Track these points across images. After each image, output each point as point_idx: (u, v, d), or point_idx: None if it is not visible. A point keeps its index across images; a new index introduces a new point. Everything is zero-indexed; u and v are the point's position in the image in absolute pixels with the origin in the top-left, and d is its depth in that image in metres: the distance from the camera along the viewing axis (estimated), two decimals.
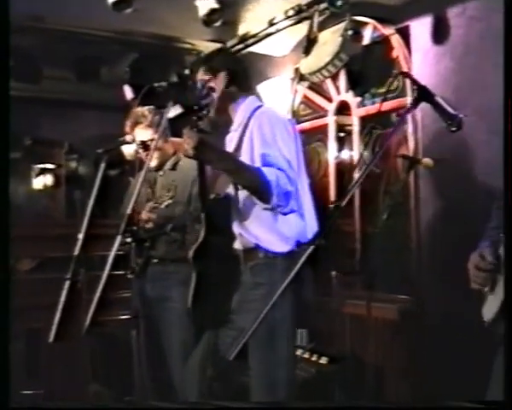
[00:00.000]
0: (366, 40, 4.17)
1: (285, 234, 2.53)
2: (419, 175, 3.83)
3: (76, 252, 3.19)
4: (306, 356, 3.81)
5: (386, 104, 4.01)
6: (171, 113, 2.76)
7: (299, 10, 4.11)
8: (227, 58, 3.05)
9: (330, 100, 4.66)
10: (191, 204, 3.31)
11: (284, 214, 2.48)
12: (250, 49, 4.65)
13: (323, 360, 3.74)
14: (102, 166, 3.26)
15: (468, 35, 3.59)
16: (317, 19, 4.12)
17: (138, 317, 2.71)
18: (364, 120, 4.33)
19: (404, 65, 3.93)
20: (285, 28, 4.34)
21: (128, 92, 3.91)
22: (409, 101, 3.79)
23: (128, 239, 2.63)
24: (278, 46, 4.71)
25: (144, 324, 3.10)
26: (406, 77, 3.43)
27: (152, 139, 3.33)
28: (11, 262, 3.22)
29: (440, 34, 3.73)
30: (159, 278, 3.37)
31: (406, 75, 3.37)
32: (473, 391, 2.23)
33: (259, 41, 4.53)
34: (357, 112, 4.40)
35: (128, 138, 3.36)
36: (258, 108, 2.68)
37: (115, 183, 3.59)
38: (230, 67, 2.75)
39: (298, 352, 3.80)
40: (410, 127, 3.90)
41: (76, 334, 2.98)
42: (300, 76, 4.52)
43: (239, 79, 2.75)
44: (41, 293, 3.77)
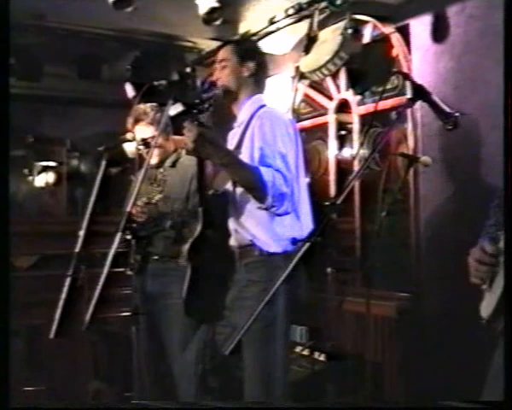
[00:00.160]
0: (366, 39, 4.18)
1: (280, 234, 2.53)
2: (419, 173, 3.83)
3: (77, 249, 3.21)
4: (306, 353, 3.82)
5: (386, 102, 4.03)
6: (172, 111, 2.78)
7: (299, 9, 4.11)
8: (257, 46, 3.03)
9: (331, 98, 4.66)
10: (189, 201, 3.32)
11: (278, 215, 2.49)
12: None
13: (323, 358, 3.75)
14: (103, 163, 3.28)
15: (468, 33, 3.59)
16: (318, 17, 4.13)
17: (138, 313, 2.73)
18: (364, 119, 4.34)
19: (404, 63, 3.92)
20: (285, 27, 4.35)
21: (129, 90, 3.90)
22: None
23: (128, 236, 2.65)
24: (279, 44, 4.71)
25: (145, 320, 3.13)
26: (402, 75, 3.44)
27: (153, 137, 3.31)
28: (11, 259, 3.23)
29: (440, 33, 3.73)
30: (159, 275, 3.37)
31: (402, 74, 3.37)
32: (471, 389, 2.22)
33: (260, 39, 4.53)
34: (357, 110, 4.40)
35: (129, 136, 3.37)
36: (261, 107, 2.69)
37: (116, 180, 3.60)
38: (258, 54, 2.81)
39: (297, 349, 3.83)
40: (410, 125, 3.90)
41: (77, 331, 3.00)
42: (301, 74, 4.51)
43: (262, 71, 2.79)
44: (42, 290, 3.79)
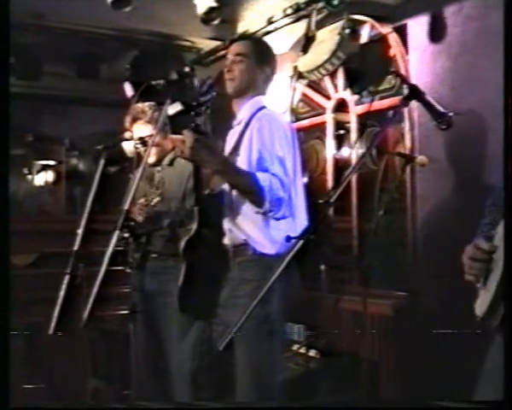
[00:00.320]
0: (364, 39, 4.19)
1: (274, 236, 2.54)
2: (416, 172, 3.84)
3: (75, 247, 3.23)
4: (303, 351, 3.84)
5: (383, 102, 4.06)
6: (171, 110, 2.80)
7: (297, 9, 4.12)
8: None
9: (328, 98, 4.66)
10: (186, 199, 3.34)
11: (275, 219, 2.50)
12: None
13: (319, 355, 3.77)
14: (102, 162, 3.29)
15: (465, 33, 3.60)
16: (315, 17, 4.15)
17: (136, 312, 2.74)
18: (362, 118, 4.34)
19: (401, 63, 3.94)
20: (283, 26, 4.36)
21: (128, 89, 3.91)
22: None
23: (126, 234, 2.67)
24: (277, 44, 4.70)
25: (143, 318, 3.14)
26: (397, 76, 3.45)
27: (151, 135, 3.32)
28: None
29: (437, 33, 3.74)
30: (157, 273, 3.37)
31: (397, 74, 3.39)
32: (468, 386, 2.23)
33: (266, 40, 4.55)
34: (354, 110, 4.41)
35: (127, 135, 3.39)
36: (260, 109, 2.70)
37: (115, 179, 3.61)
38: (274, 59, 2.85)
39: (294, 347, 3.85)
40: (407, 125, 3.91)
41: (75, 329, 3.02)
42: (299, 74, 4.54)
43: (271, 76, 2.81)
44: (40, 288, 3.80)
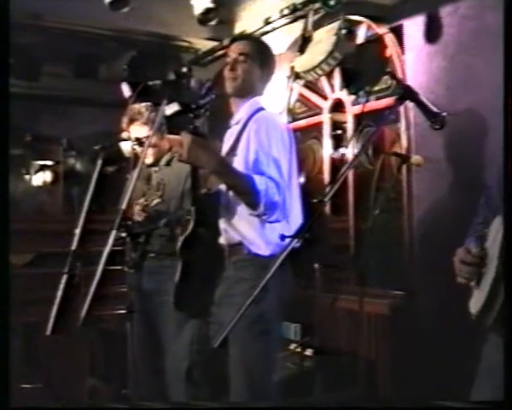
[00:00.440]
0: (360, 39, 4.20)
1: (270, 238, 2.55)
2: (412, 172, 3.86)
3: (73, 247, 3.24)
4: (300, 350, 3.85)
5: (379, 102, 4.08)
6: (168, 110, 2.81)
7: (294, 9, 4.13)
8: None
9: (325, 98, 4.68)
10: (184, 199, 3.34)
11: (269, 223, 2.51)
12: None
13: (316, 355, 3.78)
14: (99, 162, 3.31)
15: (461, 34, 3.62)
16: (312, 18, 4.16)
17: (133, 311, 2.75)
18: (359, 118, 4.34)
19: (398, 63, 3.96)
20: (280, 27, 4.37)
21: (126, 90, 3.93)
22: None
23: (123, 234, 2.68)
24: (274, 44, 4.71)
25: (141, 317, 3.16)
26: (391, 76, 3.47)
27: (148, 136, 3.31)
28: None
29: (433, 33, 3.76)
30: (155, 272, 3.38)
31: (390, 74, 3.40)
32: (464, 385, 2.24)
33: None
34: (351, 110, 4.42)
35: (124, 135, 3.40)
36: (258, 110, 2.69)
37: (112, 179, 3.62)
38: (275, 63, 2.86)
39: (291, 346, 3.87)
40: (403, 125, 3.93)
41: (73, 328, 3.03)
42: (296, 74, 4.55)
43: (271, 79, 2.82)
44: (38, 287, 3.81)
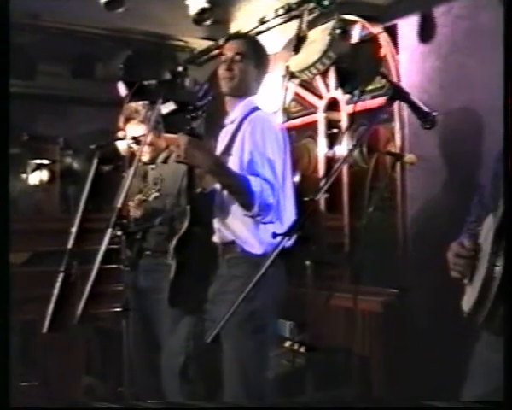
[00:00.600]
0: (355, 39, 4.22)
1: (263, 237, 2.56)
2: (406, 171, 3.87)
3: (69, 245, 3.26)
4: (294, 348, 3.87)
5: (373, 101, 4.10)
6: (164, 109, 2.83)
7: (288, 9, 4.15)
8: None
9: (320, 97, 4.69)
10: (181, 197, 3.35)
11: (263, 224, 2.53)
12: None
13: (311, 352, 3.79)
14: (95, 161, 3.33)
15: (454, 34, 3.64)
16: (307, 17, 4.18)
17: (129, 309, 2.77)
18: (353, 117, 4.34)
19: (392, 63, 3.98)
20: (275, 26, 4.39)
21: (122, 89, 3.95)
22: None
23: (118, 233, 2.70)
24: (269, 44, 4.73)
25: (137, 315, 3.17)
26: (382, 76, 3.49)
27: (144, 135, 3.33)
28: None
29: (427, 33, 3.78)
30: (151, 270, 3.39)
31: (382, 75, 3.42)
32: (459, 383, 2.26)
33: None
34: (346, 109, 4.44)
35: (120, 134, 3.41)
36: (254, 110, 2.70)
37: (108, 178, 3.64)
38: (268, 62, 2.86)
39: (286, 344, 3.88)
40: (397, 124, 3.95)
41: (70, 326, 3.04)
42: (291, 73, 4.57)
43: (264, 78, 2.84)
44: (35, 286, 3.82)
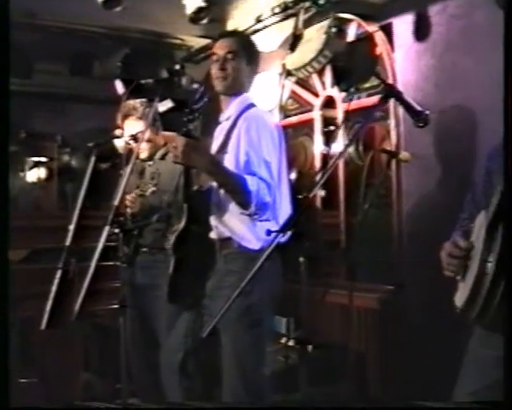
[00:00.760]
0: (350, 37, 4.24)
1: (260, 234, 2.57)
2: (401, 168, 3.90)
3: (67, 243, 3.28)
4: (290, 344, 3.89)
5: (370, 99, 4.13)
6: (161, 107, 2.85)
7: (285, 8, 4.17)
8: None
9: (317, 95, 4.72)
10: (178, 193, 3.36)
11: (259, 221, 2.55)
12: None
13: (306, 348, 3.81)
14: (93, 159, 3.35)
15: (449, 32, 3.65)
16: (303, 16, 4.19)
17: (126, 305, 2.79)
18: (349, 115, 4.35)
19: (387, 61, 4.00)
20: (272, 25, 4.41)
21: (119, 87, 3.97)
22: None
23: (116, 230, 2.72)
24: (266, 42, 4.76)
25: (134, 312, 3.19)
26: (375, 77, 3.51)
27: (142, 132, 3.32)
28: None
29: (422, 31, 3.79)
30: (148, 267, 3.39)
31: (375, 75, 3.44)
32: (454, 379, 2.28)
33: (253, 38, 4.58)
34: (342, 106, 4.46)
35: (118, 132, 3.42)
36: (249, 107, 2.71)
37: (106, 175, 3.66)
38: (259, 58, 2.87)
39: (282, 340, 3.91)
40: (392, 122, 3.97)
41: (68, 323, 3.07)
42: (287, 71, 4.59)
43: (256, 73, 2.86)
44: (33, 283, 3.83)
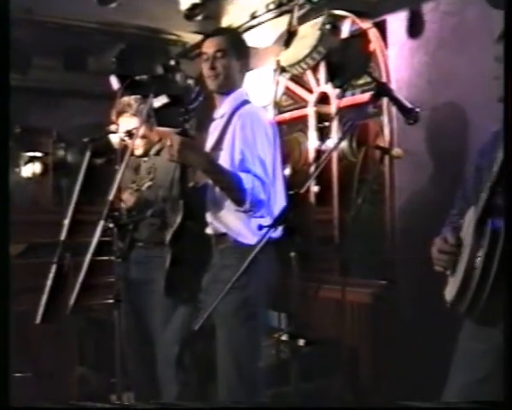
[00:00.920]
0: (344, 34, 4.25)
1: (256, 230, 2.51)
2: (394, 164, 3.92)
3: (62, 237, 3.30)
4: (284, 339, 3.91)
5: (364, 96, 4.14)
6: (156, 103, 2.86)
7: (279, 4, 4.20)
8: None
9: (311, 91, 4.73)
10: (173, 189, 3.38)
11: (254, 218, 2.57)
12: None
13: (300, 343, 3.83)
14: (88, 154, 3.36)
15: (442, 29, 3.68)
16: (297, 12, 4.21)
17: (121, 300, 2.80)
18: (343, 111, 4.41)
19: (381, 58, 4.02)
20: (266, 21, 4.43)
21: (114, 82, 3.98)
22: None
23: (110, 225, 2.74)
24: (260, 38, 4.78)
25: (129, 306, 3.20)
26: (368, 75, 3.53)
27: (137, 128, 3.31)
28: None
29: (415, 29, 3.81)
30: (143, 262, 3.40)
31: (367, 73, 3.47)
32: (446, 373, 2.31)
33: (243, 33, 4.60)
34: (336, 103, 4.47)
35: (113, 127, 3.43)
36: (243, 103, 2.72)
37: (101, 171, 3.67)
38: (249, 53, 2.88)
39: (276, 335, 3.92)
40: (386, 119, 3.99)
41: (62, 317, 3.08)
42: (282, 68, 4.61)
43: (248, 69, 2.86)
44: (28, 277, 3.85)
